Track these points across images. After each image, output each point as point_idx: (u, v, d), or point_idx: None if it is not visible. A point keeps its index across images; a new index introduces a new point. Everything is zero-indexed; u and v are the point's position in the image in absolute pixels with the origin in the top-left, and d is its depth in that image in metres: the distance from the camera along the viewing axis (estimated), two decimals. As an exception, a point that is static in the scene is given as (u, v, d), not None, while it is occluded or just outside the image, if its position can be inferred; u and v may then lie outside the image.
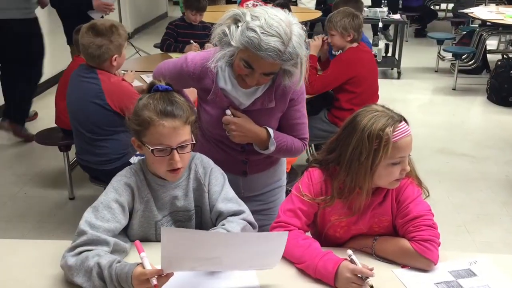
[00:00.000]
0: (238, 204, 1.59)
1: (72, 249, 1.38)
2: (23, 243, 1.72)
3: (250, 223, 1.57)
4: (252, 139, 1.75)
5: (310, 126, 1.92)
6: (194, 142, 1.50)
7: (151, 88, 1.51)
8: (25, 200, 3.42)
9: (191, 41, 4.04)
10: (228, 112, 1.71)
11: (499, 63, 5.40)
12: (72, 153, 3.40)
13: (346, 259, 1.38)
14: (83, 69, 2.57)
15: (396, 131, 1.40)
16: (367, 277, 1.33)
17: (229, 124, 1.71)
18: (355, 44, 3.12)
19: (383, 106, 1.48)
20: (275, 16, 1.50)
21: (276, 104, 1.73)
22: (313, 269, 1.40)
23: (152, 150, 1.44)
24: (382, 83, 5.47)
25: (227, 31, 1.54)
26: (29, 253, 1.53)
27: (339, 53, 3.18)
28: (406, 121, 1.46)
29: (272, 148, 1.76)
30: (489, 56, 6.29)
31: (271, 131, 1.75)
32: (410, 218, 1.47)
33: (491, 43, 6.71)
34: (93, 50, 2.45)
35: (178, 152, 1.45)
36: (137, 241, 1.34)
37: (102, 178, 2.63)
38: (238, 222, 1.52)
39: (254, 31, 1.48)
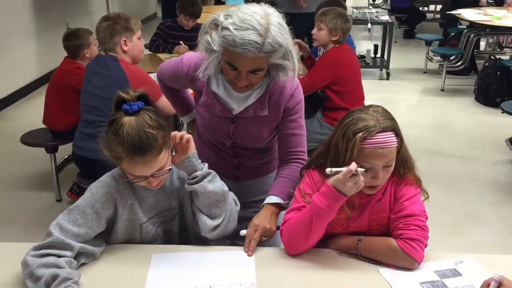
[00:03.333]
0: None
1: (36, 248, 1.39)
2: (9, 246, 1.68)
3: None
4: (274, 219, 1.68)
5: (308, 131, 1.84)
6: (170, 167, 1.49)
7: (120, 103, 1.43)
8: (12, 203, 3.38)
9: (180, 41, 4.03)
10: (243, 232, 1.62)
11: (486, 64, 5.45)
12: (59, 154, 3.38)
13: (329, 176, 1.40)
14: (102, 58, 2.63)
15: (368, 139, 1.38)
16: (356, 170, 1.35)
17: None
18: (337, 45, 3.12)
19: (382, 111, 1.45)
20: (249, 10, 1.46)
21: (269, 112, 1.68)
22: (320, 211, 1.40)
23: (129, 180, 1.46)
24: (371, 84, 5.52)
25: (209, 39, 1.50)
26: (15, 256, 1.49)
27: (323, 52, 3.19)
28: (397, 134, 1.42)
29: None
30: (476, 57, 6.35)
31: (275, 199, 1.67)
32: (403, 215, 1.46)
33: (481, 44, 6.77)
34: (101, 33, 2.58)
35: (154, 177, 1.45)
36: None
37: (95, 172, 2.59)
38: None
39: (228, 29, 1.44)
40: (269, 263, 1.50)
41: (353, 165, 1.35)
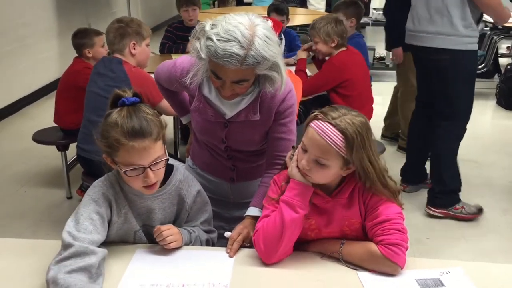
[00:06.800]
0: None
1: (59, 262, 1.33)
2: (17, 242, 1.67)
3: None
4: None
5: None
6: (167, 157, 1.48)
7: (117, 100, 1.44)
8: (23, 199, 3.46)
9: (189, 38, 4.02)
10: (227, 234, 1.64)
11: (508, 67, 5.30)
12: (70, 152, 3.44)
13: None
14: (108, 59, 2.67)
15: (316, 121, 1.41)
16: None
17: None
18: (343, 49, 3.08)
19: (355, 115, 1.42)
20: (234, 20, 1.45)
21: (261, 117, 1.67)
22: (289, 204, 1.44)
23: (125, 171, 1.42)
24: (390, 86, 5.39)
25: (198, 46, 1.49)
26: (22, 252, 1.53)
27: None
28: (348, 141, 1.37)
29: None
30: (501, 60, 6.17)
31: (256, 211, 1.68)
32: (379, 221, 1.44)
33: (503, 46, 6.59)
34: (111, 34, 2.62)
35: (151, 170, 1.43)
36: None
37: (97, 173, 2.63)
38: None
39: (211, 39, 1.44)
40: (249, 264, 1.50)
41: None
